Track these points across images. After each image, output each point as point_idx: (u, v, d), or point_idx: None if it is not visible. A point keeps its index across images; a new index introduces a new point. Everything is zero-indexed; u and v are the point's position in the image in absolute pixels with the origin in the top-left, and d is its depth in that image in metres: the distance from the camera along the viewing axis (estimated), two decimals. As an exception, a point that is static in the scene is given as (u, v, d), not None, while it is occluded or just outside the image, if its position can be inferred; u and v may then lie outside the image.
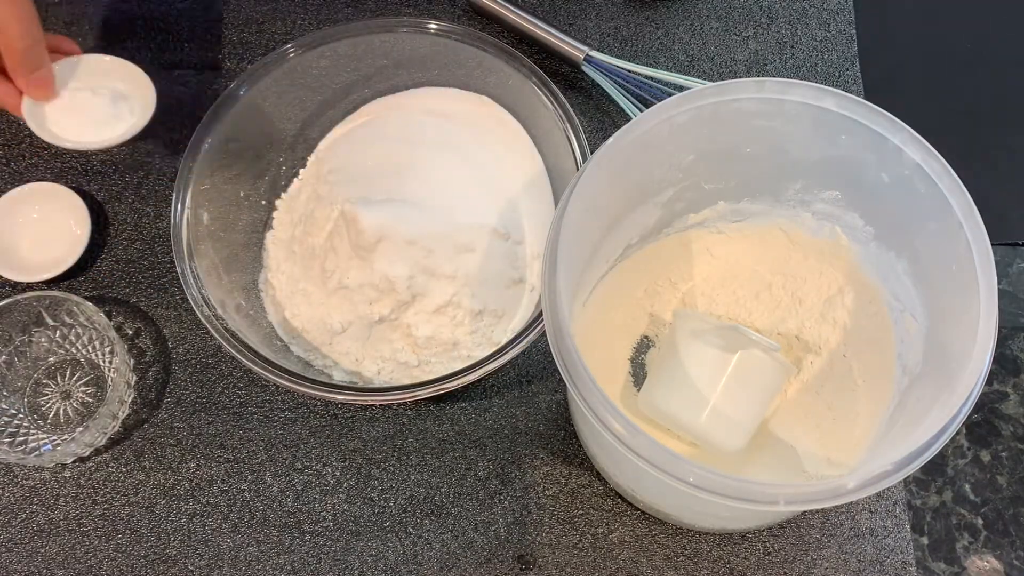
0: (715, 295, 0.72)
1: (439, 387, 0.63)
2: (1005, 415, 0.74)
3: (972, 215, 0.54)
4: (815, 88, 0.58)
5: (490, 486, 0.71)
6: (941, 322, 0.60)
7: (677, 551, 0.70)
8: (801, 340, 0.70)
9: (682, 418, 0.64)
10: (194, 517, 0.71)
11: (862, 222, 0.65)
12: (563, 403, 0.73)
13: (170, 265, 0.76)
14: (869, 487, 0.50)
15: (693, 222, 0.71)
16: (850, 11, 0.85)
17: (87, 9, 0.85)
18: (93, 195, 0.80)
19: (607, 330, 0.71)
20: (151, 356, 0.75)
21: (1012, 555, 0.70)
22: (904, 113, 0.57)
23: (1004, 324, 0.76)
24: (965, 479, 0.72)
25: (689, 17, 0.85)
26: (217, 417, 0.74)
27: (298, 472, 0.72)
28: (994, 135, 0.82)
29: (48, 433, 0.73)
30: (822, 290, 0.70)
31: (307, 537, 0.71)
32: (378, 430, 0.73)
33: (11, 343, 0.73)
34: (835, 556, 0.69)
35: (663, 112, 0.58)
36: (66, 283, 0.77)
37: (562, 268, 0.55)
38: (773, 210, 0.69)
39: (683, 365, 0.63)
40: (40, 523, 0.71)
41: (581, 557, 0.70)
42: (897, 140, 0.57)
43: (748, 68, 0.83)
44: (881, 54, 0.84)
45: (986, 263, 0.53)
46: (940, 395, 0.54)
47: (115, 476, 0.72)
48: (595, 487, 0.71)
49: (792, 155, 0.63)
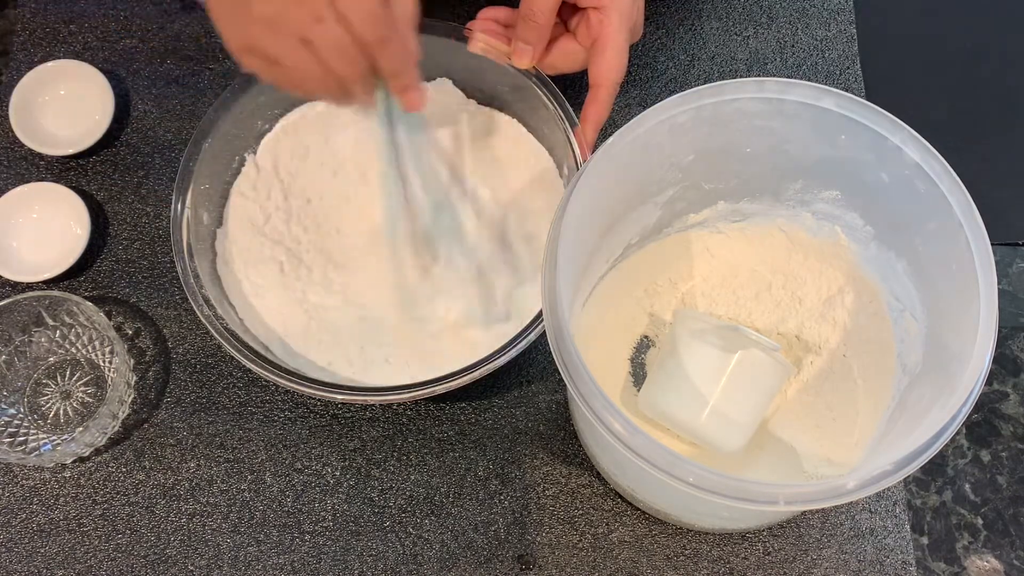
0: (715, 295, 0.72)
1: (439, 387, 0.63)
2: (1005, 415, 0.74)
3: (972, 215, 0.54)
4: (815, 88, 0.58)
5: (490, 486, 0.71)
6: (941, 322, 0.60)
7: (677, 551, 0.70)
8: (801, 340, 0.70)
9: (682, 418, 0.64)
10: (194, 517, 0.71)
11: (862, 222, 0.65)
12: (563, 403, 0.73)
13: (170, 265, 0.76)
14: (869, 487, 0.50)
15: (693, 222, 0.71)
16: (850, 10, 0.85)
17: (86, 8, 0.85)
18: (93, 195, 0.80)
19: (607, 330, 0.71)
20: (151, 356, 0.75)
21: (1012, 555, 0.70)
22: (904, 113, 0.57)
23: (1004, 324, 0.76)
24: (965, 479, 0.72)
25: (689, 17, 0.85)
26: (217, 417, 0.74)
27: (298, 472, 0.72)
28: (994, 135, 0.82)
29: (48, 433, 0.73)
30: (822, 290, 0.70)
31: (307, 537, 0.71)
32: (378, 430, 0.73)
33: (11, 343, 0.73)
34: (835, 556, 0.69)
35: (663, 112, 0.58)
36: (66, 283, 0.77)
37: (562, 268, 0.55)
38: (773, 210, 0.69)
39: (683, 365, 0.63)
40: (40, 523, 0.71)
41: (581, 557, 0.70)
42: (897, 140, 0.57)
43: (748, 68, 0.83)
44: (881, 54, 0.84)
45: (986, 263, 0.53)
46: (940, 395, 0.54)
47: (115, 476, 0.72)
48: (595, 487, 0.71)
49: (792, 155, 0.63)
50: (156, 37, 0.84)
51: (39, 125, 0.80)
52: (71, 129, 0.80)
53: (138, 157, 0.81)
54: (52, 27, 0.84)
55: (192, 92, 0.83)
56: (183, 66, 0.83)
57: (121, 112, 0.81)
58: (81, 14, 0.85)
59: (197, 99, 0.82)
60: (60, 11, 0.85)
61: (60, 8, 0.85)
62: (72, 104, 0.80)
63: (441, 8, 0.84)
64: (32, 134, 0.78)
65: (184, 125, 0.81)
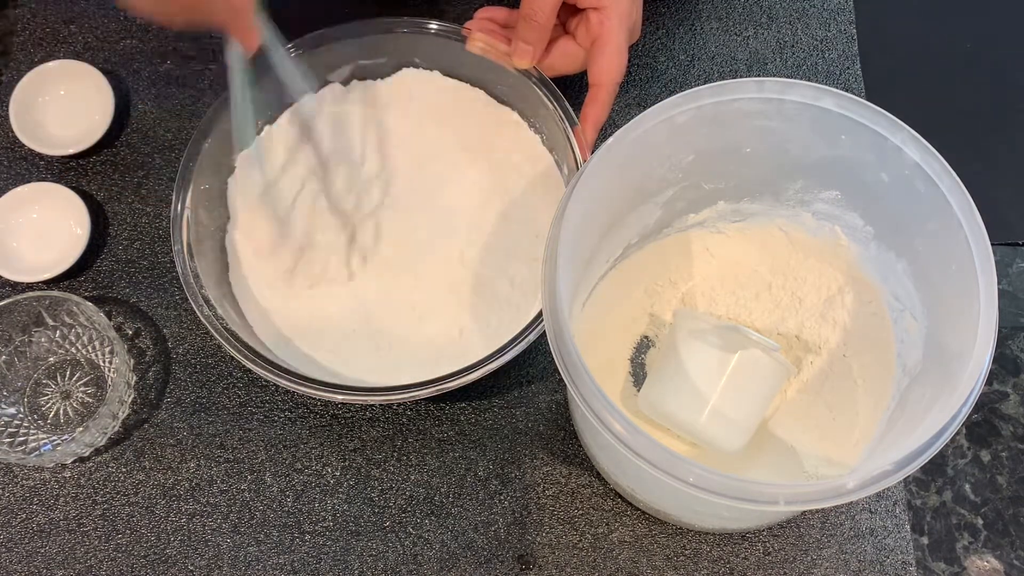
0: (715, 295, 0.72)
1: (439, 387, 0.63)
2: (1005, 415, 0.74)
3: (972, 215, 0.54)
4: (815, 88, 0.58)
5: (490, 486, 0.71)
6: (941, 322, 0.60)
7: (677, 551, 0.70)
8: (801, 340, 0.70)
9: (682, 418, 0.64)
10: (194, 517, 0.71)
11: (862, 222, 0.65)
12: (563, 403, 0.73)
13: (170, 265, 0.76)
14: (869, 487, 0.50)
15: (693, 222, 0.71)
16: (850, 11, 0.85)
17: (86, 8, 0.85)
18: (93, 195, 0.80)
19: (607, 330, 0.71)
20: (151, 356, 0.75)
21: (1012, 555, 0.70)
22: (904, 113, 0.57)
23: (1004, 324, 0.76)
24: (965, 479, 0.72)
25: (689, 17, 0.85)
26: (217, 417, 0.74)
27: (298, 472, 0.72)
28: (994, 135, 0.82)
29: (48, 433, 0.73)
30: (822, 290, 0.70)
31: (307, 537, 0.71)
32: (378, 430, 0.73)
33: (11, 343, 0.73)
34: (835, 556, 0.69)
35: (663, 112, 0.58)
36: (66, 283, 0.77)
37: (562, 268, 0.55)
38: (773, 210, 0.69)
39: (683, 365, 0.63)
40: (40, 523, 0.71)
41: (581, 557, 0.70)
42: (897, 140, 0.57)
43: (748, 68, 0.83)
44: (881, 54, 0.84)
45: (986, 263, 0.54)
46: (940, 395, 0.54)
47: (115, 476, 0.72)
48: (595, 487, 0.71)
49: (792, 155, 0.63)
50: (156, 37, 0.84)
51: (39, 125, 0.79)
52: (71, 129, 0.80)
53: (138, 157, 0.81)
54: (52, 27, 0.85)
55: (192, 92, 0.82)
56: (183, 66, 0.83)
57: (121, 112, 0.81)
58: (81, 14, 0.85)
59: (197, 99, 0.82)
60: (60, 11, 0.85)
61: (60, 8, 0.85)
62: (72, 104, 0.80)
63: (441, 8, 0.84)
64: (32, 134, 0.78)
65: (184, 125, 0.81)
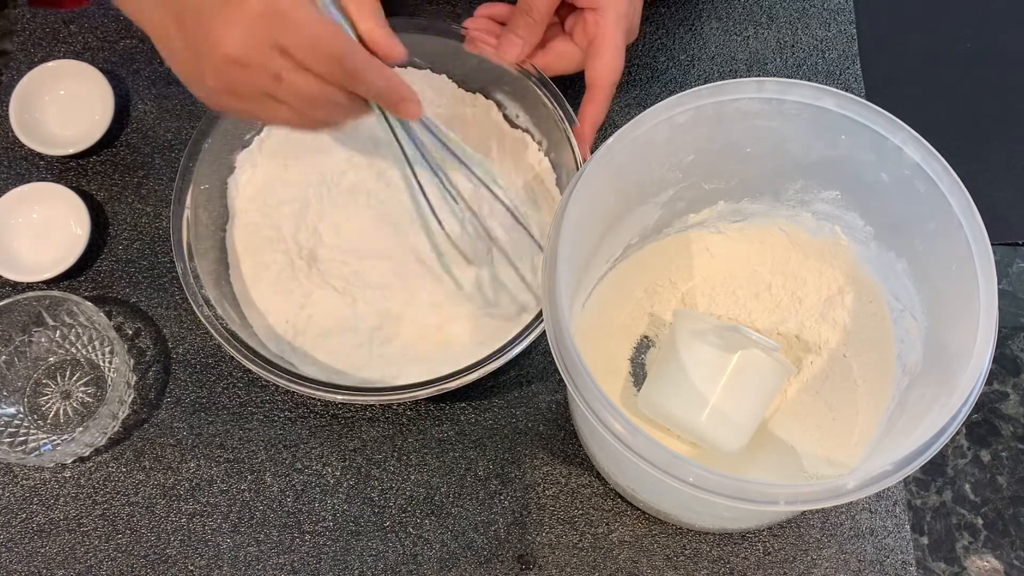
0: (715, 295, 0.72)
1: (439, 387, 0.63)
2: (1005, 415, 0.74)
3: (972, 215, 0.54)
4: (815, 88, 0.58)
5: (490, 486, 0.71)
6: (941, 322, 0.60)
7: (677, 551, 0.70)
8: (801, 340, 0.70)
9: (682, 418, 0.64)
10: (194, 517, 0.71)
11: (862, 222, 0.65)
12: (563, 403, 0.73)
13: (170, 265, 0.76)
14: (869, 487, 0.50)
15: (693, 222, 0.71)
16: (850, 11, 0.85)
17: (86, 8, 0.85)
18: (93, 195, 0.80)
19: (607, 330, 0.71)
20: (151, 356, 0.75)
21: (1012, 555, 0.70)
22: (904, 113, 0.57)
23: (1004, 324, 0.76)
24: (965, 479, 0.72)
25: (689, 17, 0.85)
26: (217, 417, 0.74)
27: (298, 472, 0.72)
28: (994, 135, 0.82)
29: (48, 433, 0.73)
30: (822, 290, 0.70)
31: (307, 537, 0.71)
32: (378, 430, 0.73)
33: (11, 343, 0.73)
34: (835, 556, 0.69)
35: (663, 112, 0.58)
36: (66, 283, 0.77)
37: (562, 268, 0.55)
38: (773, 210, 0.69)
39: (683, 365, 0.63)
40: (40, 523, 0.71)
41: (581, 557, 0.70)
42: (897, 140, 0.57)
43: (748, 68, 0.83)
44: (881, 54, 0.84)
45: (986, 263, 0.54)
46: (940, 395, 0.54)
47: (115, 476, 0.72)
48: (595, 487, 0.71)
49: (792, 155, 0.63)
50: (156, 37, 0.84)
51: (39, 125, 0.79)
52: (71, 129, 0.80)
53: (138, 157, 0.81)
54: (52, 27, 0.84)
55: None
56: (183, 66, 0.83)
57: (121, 112, 0.81)
58: (81, 14, 0.85)
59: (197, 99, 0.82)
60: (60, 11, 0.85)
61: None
62: (72, 104, 0.80)
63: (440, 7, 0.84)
64: (32, 134, 0.78)
65: (184, 125, 0.81)
